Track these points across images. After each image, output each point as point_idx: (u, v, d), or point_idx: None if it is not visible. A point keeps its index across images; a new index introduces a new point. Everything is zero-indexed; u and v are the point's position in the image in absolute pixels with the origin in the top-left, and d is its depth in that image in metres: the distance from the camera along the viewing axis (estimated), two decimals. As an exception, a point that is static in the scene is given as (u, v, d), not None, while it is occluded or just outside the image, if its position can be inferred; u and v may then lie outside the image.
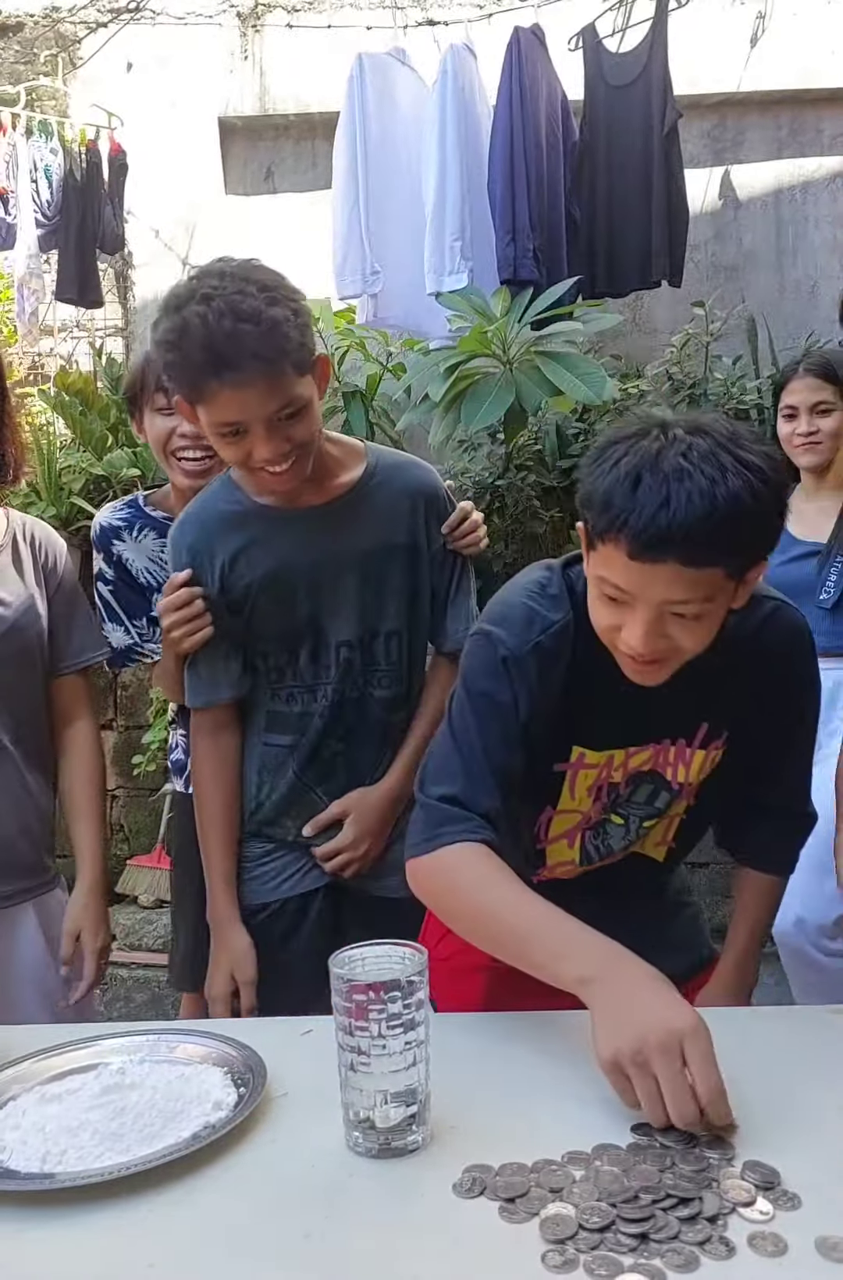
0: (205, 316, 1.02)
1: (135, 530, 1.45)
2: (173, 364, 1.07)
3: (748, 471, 0.83)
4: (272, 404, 1.05)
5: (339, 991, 0.73)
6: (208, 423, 1.09)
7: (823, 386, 1.89)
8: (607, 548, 0.86)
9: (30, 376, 3.34)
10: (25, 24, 3.35)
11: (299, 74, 3.28)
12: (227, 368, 1.02)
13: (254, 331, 1.02)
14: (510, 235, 2.70)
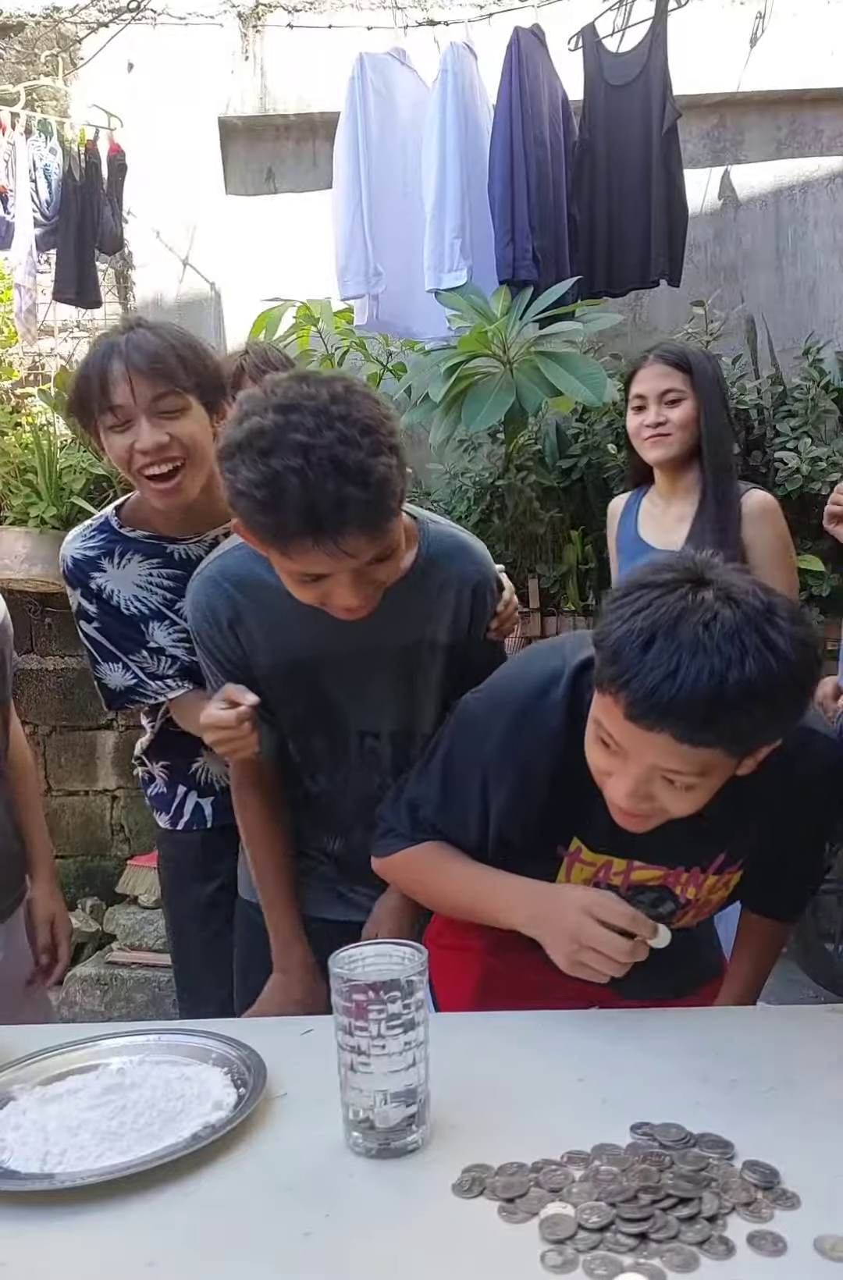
0: (304, 474, 0.86)
1: (116, 558, 1.28)
2: (261, 524, 0.90)
3: (772, 655, 0.78)
4: (365, 558, 0.93)
5: (339, 991, 0.73)
6: (285, 568, 0.95)
7: (672, 374, 1.74)
8: (606, 699, 0.83)
9: (30, 376, 3.34)
10: (26, 24, 3.35)
11: (300, 74, 3.28)
12: (327, 534, 0.88)
13: (361, 496, 0.87)
14: (510, 236, 2.70)
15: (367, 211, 2.80)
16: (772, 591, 0.83)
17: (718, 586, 0.81)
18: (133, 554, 1.28)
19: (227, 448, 0.92)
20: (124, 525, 1.30)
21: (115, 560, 1.28)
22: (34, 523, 2.89)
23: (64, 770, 3.18)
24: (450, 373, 2.57)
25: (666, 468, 1.77)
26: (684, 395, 1.72)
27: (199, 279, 3.40)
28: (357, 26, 3.20)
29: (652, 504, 1.83)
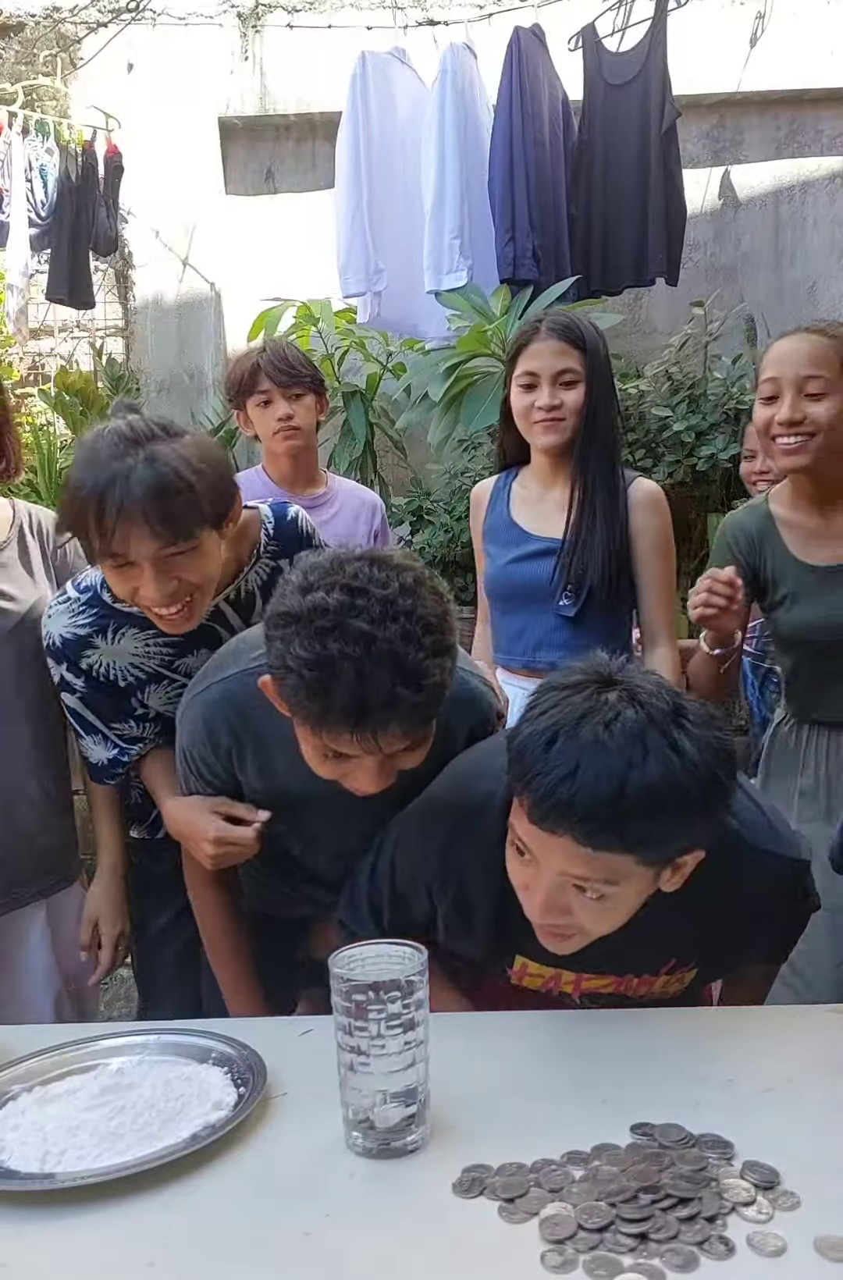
0: (361, 665, 0.82)
1: (109, 634, 1.18)
2: (304, 704, 0.85)
3: (676, 757, 0.76)
4: (397, 747, 0.88)
5: (339, 991, 0.73)
6: (310, 741, 0.90)
7: (568, 352, 1.54)
8: (517, 802, 0.81)
9: (30, 376, 3.34)
10: (26, 24, 3.35)
11: (299, 74, 3.29)
12: (368, 728, 0.84)
13: (412, 699, 0.84)
14: (510, 234, 2.70)
15: (367, 209, 2.81)
16: (681, 695, 0.81)
17: (624, 687, 0.79)
18: (127, 628, 1.18)
19: (283, 615, 0.87)
20: (117, 599, 1.17)
21: (109, 637, 1.18)
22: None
23: (64, 770, 3.18)
24: (450, 372, 2.57)
25: (551, 453, 1.58)
26: (579, 378, 1.54)
27: (199, 279, 3.40)
28: (356, 26, 3.20)
29: (524, 489, 1.64)
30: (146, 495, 1.00)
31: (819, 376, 1.33)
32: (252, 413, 1.89)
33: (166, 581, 1.05)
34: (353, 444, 2.95)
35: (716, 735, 0.80)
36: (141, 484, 1.00)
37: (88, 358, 3.33)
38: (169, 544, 1.03)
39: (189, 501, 1.02)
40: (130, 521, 1.00)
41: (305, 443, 1.90)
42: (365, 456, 3.00)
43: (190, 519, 1.03)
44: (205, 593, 1.11)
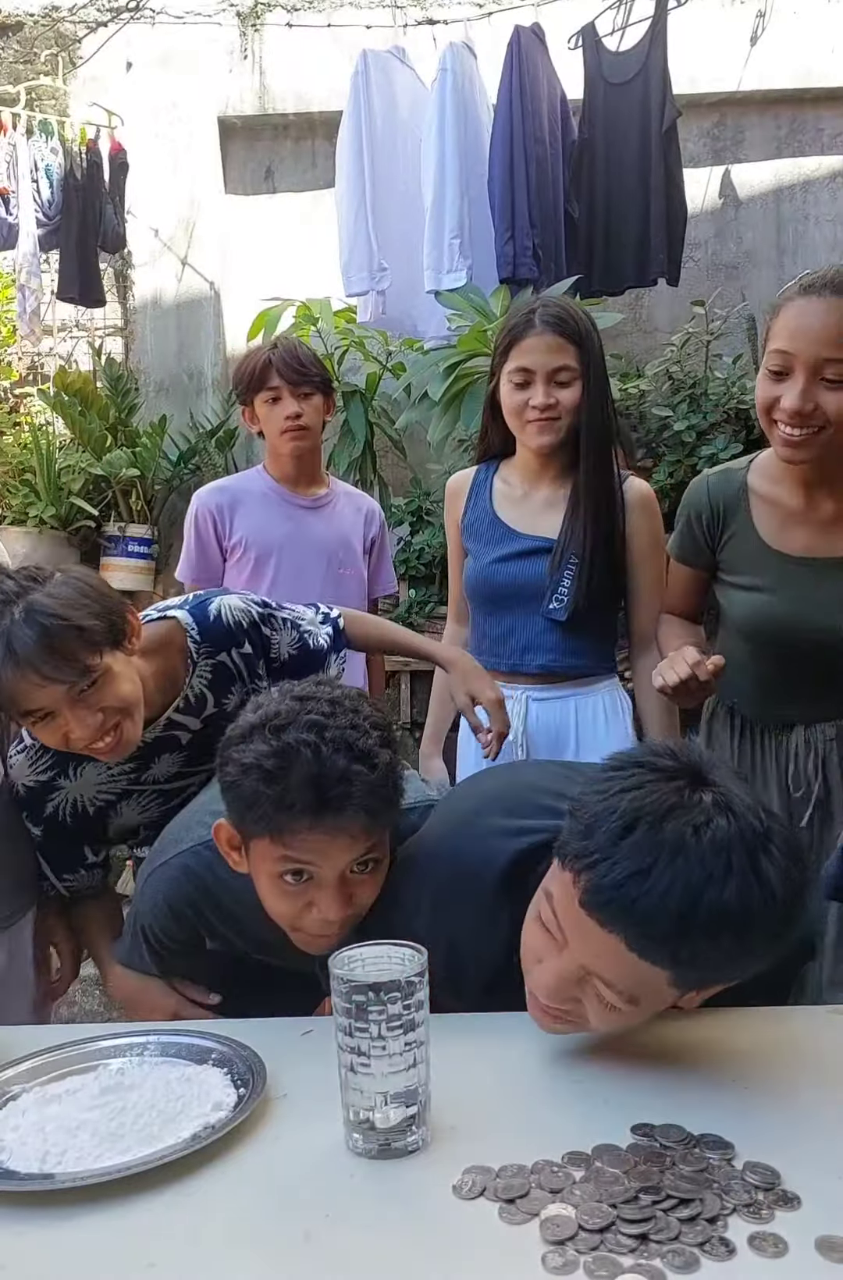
0: (317, 749, 0.88)
1: (70, 772, 1.20)
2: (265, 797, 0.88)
3: (757, 884, 0.69)
4: (356, 854, 0.91)
5: (339, 992, 0.73)
6: (271, 862, 0.92)
7: (564, 347, 1.45)
8: (566, 874, 0.74)
9: (30, 376, 3.34)
10: (25, 23, 3.35)
11: (299, 73, 3.28)
12: (330, 809, 0.88)
13: (368, 776, 0.89)
14: (510, 233, 2.70)
15: (370, 207, 2.80)
16: (774, 816, 0.74)
17: (720, 792, 0.72)
18: (86, 762, 1.18)
19: (237, 734, 0.93)
20: None
21: (70, 774, 1.20)
22: (33, 523, 2.89)
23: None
24: (449, 372, 2.57)
25: (543, 452, 1.51)
26: (575, 375, 1.46)
27: (198, 278, 3.40)
28: (356, 25, 3.20)
29: (507, 484, 1.57)
30: (37, 648, 1.01)
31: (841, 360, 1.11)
32: (259, 409, 1.86)
33: (90, 716, 1.06)
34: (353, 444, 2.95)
35: (800, 870, 0.73)
36: (28, 641, 1.01)
37: (87, 357, 3.32)
38: (73, 682, 1.04)
39: (78, 638, 1.03)
40: (29, 680, 1.02)
41: (311, 443, 1.88)
42: (365, 456, 3.00)
43: (85, 653, 1.04)
44: (132, 715, 1.11)
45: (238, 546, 1.87)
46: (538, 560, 1.51)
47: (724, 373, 2.85)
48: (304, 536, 1.87)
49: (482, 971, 0.91)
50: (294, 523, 1.89)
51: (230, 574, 1.90)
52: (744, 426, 2.81)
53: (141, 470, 2.95)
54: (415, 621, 3.13)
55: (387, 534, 2.09)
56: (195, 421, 3.25)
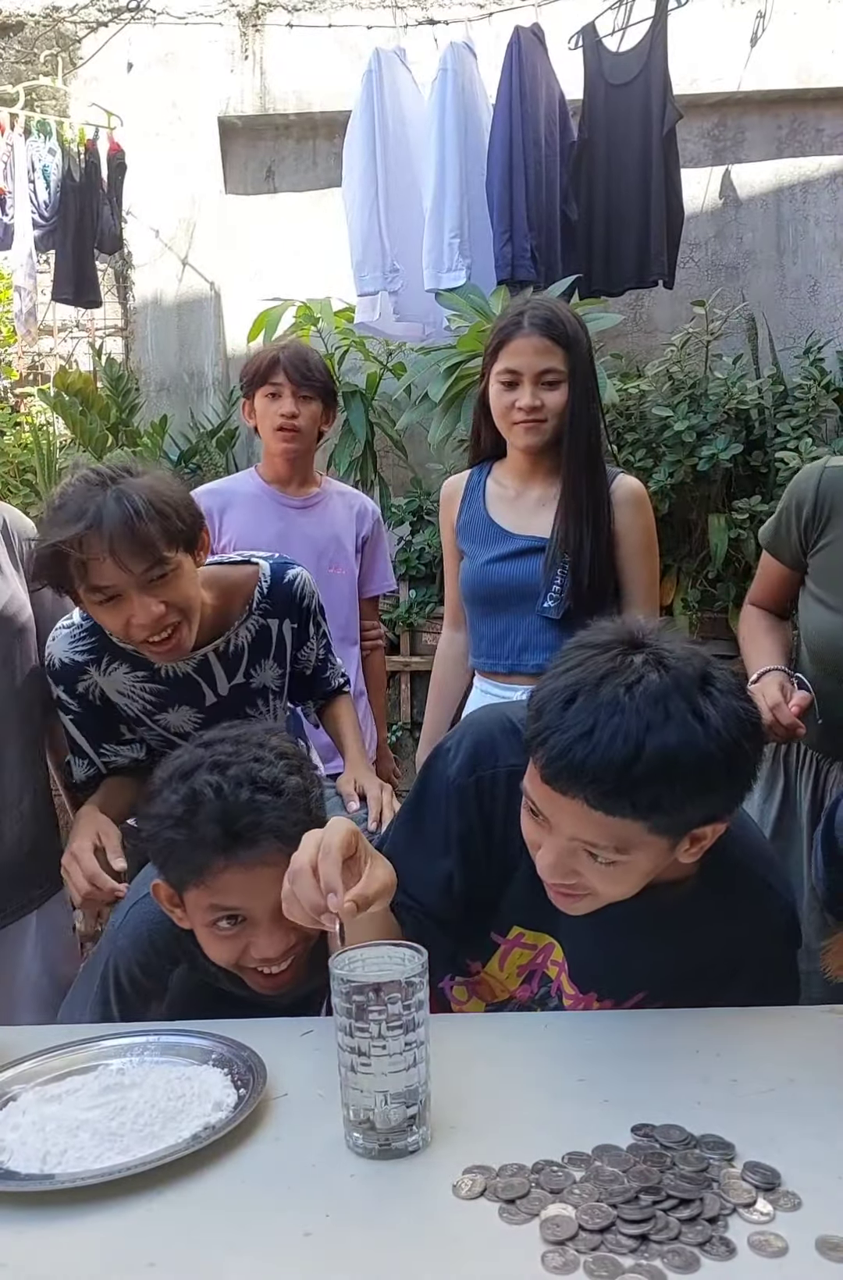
0: (219, 788, 0.92)
1: (103, 665, 1.24)
2: (179, 844, 0.92)
3: (701, 725, 0.74)
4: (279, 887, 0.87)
5: (339, 992, 0.73)
6: (202, 907, 0.93)
7: (552, 350, 1.47)
8: (531, 762, 0.80)
9: (30, 376, 3.34)
10: (26, 23, 3.35)
11: (299, 73, 3.28)
12: (242, 843, 0.90)
13: (275, 804, 0.91)
14: (508, 234, 2.70)
15: (383, 206, 2.79)
16: (713, 663, 0.79)
17: (652, 651, 0.78)
18: (120, 663, 1.24)
19: (152, 790, 0.97)
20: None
21: (102, 667, 1.24)
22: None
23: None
24: (450, 372, 2.57)
25: (531, 452, 1.54)
26: (562, 377, 1.48)
27: (198, 278, 3.40)
28: (357, 26, 3.20)
29: (501, 485, 1.59)
30: (122, 525, 1.07)
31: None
32: (258, 403, 1.86)
33: (154, 605, 1.12)
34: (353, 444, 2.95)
35: (743, 705, 0.77)
36: (115, 516, 1.08)
37: (87, 357, 3.33)
38: (148, 568, 1.10)
39: (161, 527, 1.10)
40: (110, 553, 1.07)
41: (302, 447, 1.88)
42: (365, 456, 3.00)
43: (164, 543, 1.10)
44: (190, 620, 1.17)
45: (228, 548, 1.86)
46: (532, 559, 1.53)
47: (724, 373, 2.85)
48: (293, 536, 1.86)
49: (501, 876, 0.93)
50: (284, 523, 1.88)
51: None
52: (745, 426, 2.81)
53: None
54: (415, 621, 3.13)
55: (383, 532, 2.07)
56: (196, 421, 3.25)
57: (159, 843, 0.94)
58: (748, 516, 2.75)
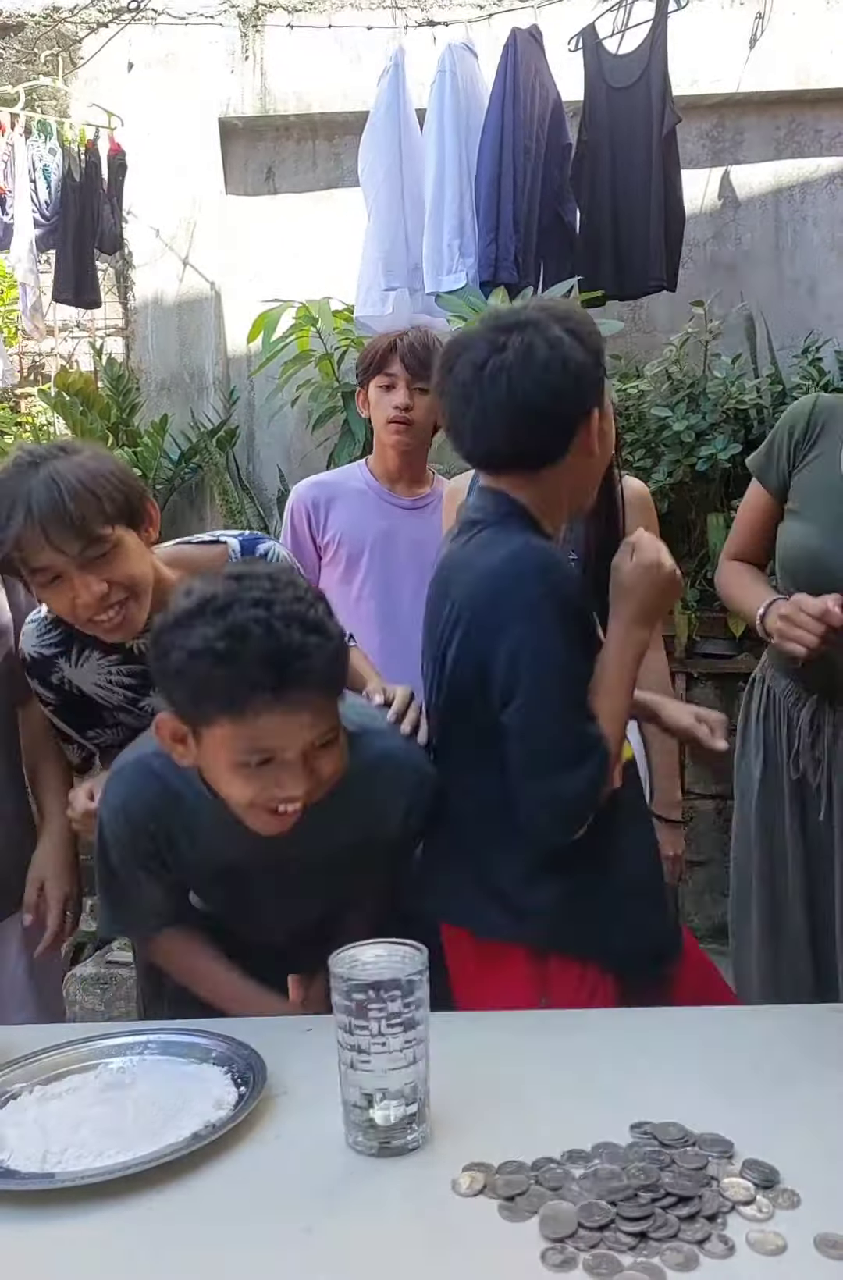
0: (268, 624, 0.86)
1: (73, 655, 1.21)
2: (219, 680, 0.86)
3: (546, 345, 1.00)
4: (319, 730, 0.90)
5: (339, 990, 0.73)
6: (230, 744, 0.89)
7: None
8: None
9: (31, 376, 3.34)
10: (26, 24, 3.35)
11: (300, 74, 3.28)
12: (289, 685, 0.86)
13: (325, 645, 0.88)
14: (493, 236, 2.69)
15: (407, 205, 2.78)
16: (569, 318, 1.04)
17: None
18: (91, 650, 1.21)
19: (170, 624, 0.90)
20: None
21: (73, 659, 1.21)
22: None
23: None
24: (450, 372, 2.56)
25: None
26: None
27: (199, 278, 3.40)
28: (357, 26, 3.20)
29: None
30: (51, 507, 1.05)
31: None
32: (372, 394, 1.77)
33: (96, 584, 1.09)
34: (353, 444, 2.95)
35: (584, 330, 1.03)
36: (44, 499, 1.05)
37: (87, 357, 3.32)
38: (84, 547, 1.07)
39: (95, 506, 1.07)
40: (44, 536, 1.05)
41: (417, 441, 1.79)
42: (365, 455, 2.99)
43: (99, 521, 1.07)
44: (138, 596, 1.13)
45: (331, 544, 1.79)
46: None
47: (723, 373, 2.86)
48: (398, 537, 1.77)
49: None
50: (389, 522, 1.79)
51: (325, 572, 1.82)
52: (743, 426, 2.81)
53: (143, 470, 2.95)
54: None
55: None
56: (196, 421, 3.25)
57: (191, 677, 0.87)
58: (747, 516, 2.75)
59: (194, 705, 0.90)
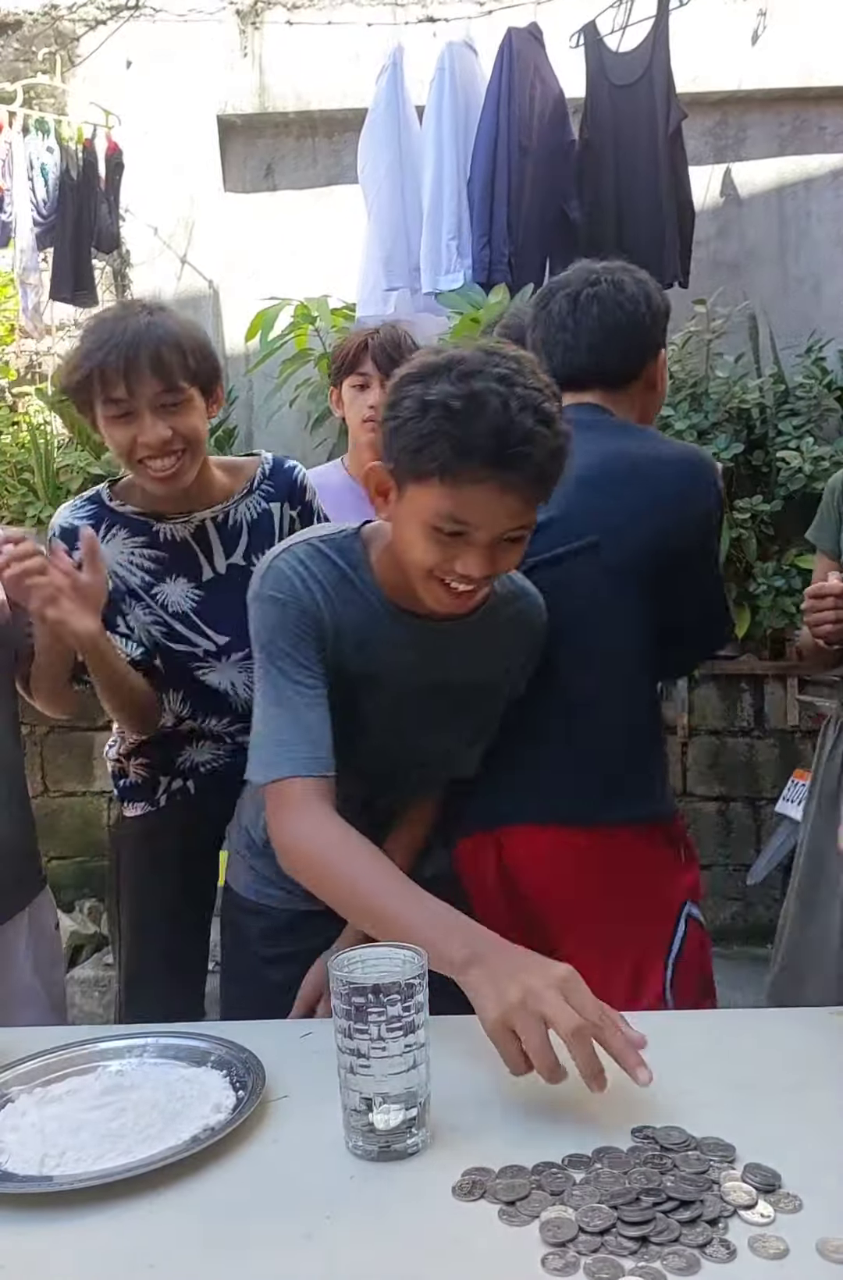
0: (507, 401, 0.87)
1: (102, 531, 1.28)
2: (447, 435, 0.87)
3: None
4: (516, 521, 0.92)
5: (339, 994, 0.73)
6: (432, 506, 0.90)
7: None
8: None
9: (28, 375, 3.34)
10: (24, 21, 3.34)
11: (299, 71, 3.28)
12: (510, 465, 0.88)
13: (549, 440, 0.89)
14: (487, 238, 2.69)
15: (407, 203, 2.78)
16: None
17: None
18: (119, 529, 1.30)
19: (417, 370, 0.91)
20: (114, 499, 1.32)
21: (101, 534, 1.28)
22: (31, 522, 2.89)
23: (61, 771, 3.18)
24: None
25: None
26: None
27: (197, 276, 3.39)
28: (356, 23, 3.19)
29: None
30: (145, 344, 1.17)
31: None
32: (345, 393, 1.79)
33: (162, 427, 1.20)
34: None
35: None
36: (140, 336, 1.17)
37: (87, 356, 3.32)
38: (162, 390, 1.19)
39: (181, 356, 1.19)
40: (131, 368, 1.16)
41: None
42: (366, 455, 2.99)
43: (182, 371, 1.20)
44: (193, 452, 1.24)
45: None
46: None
47: (726, 371, 2.85)
48: None
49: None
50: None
51: None
52: (746, 426, 2.80)
53: (141, 469, 2.94)
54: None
55: None
56: (195, 420, 3.25)
57: (418, 428, 0.89)
58: (750, 516, 2.75)
59: (412, 457, 0.91)
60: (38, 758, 3.15)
